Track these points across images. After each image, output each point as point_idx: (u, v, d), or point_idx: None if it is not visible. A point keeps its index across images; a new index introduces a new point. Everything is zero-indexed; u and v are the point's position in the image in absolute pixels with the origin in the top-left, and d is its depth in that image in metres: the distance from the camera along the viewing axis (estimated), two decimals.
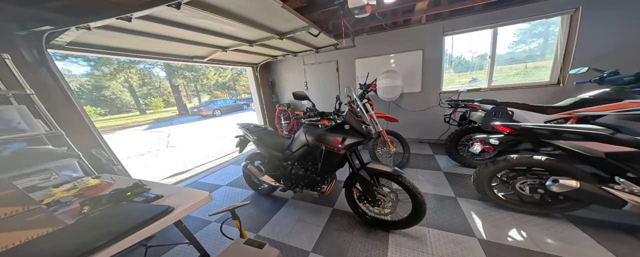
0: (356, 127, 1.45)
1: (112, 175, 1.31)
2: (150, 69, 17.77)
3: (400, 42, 3.40)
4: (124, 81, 16.29)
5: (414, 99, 3.61)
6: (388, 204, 1.53)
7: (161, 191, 1.07)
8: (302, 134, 1.70)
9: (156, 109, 18.50)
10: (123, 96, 19.03)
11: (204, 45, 2.47)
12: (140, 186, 1.11)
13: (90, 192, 1.08)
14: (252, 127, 2.23)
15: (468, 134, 2.46)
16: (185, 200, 0.98)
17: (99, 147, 1.80)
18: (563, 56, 2.65)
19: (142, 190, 1.08)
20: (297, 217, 1.94)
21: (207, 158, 4.26)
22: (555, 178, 1.29)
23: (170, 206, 0.90)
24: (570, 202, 1.39)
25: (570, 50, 2.57)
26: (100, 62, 14.08)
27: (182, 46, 2.37)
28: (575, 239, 1.34)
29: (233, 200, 2.36)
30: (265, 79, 4.69)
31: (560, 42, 2.61)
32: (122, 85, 17.68)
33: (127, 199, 1.01)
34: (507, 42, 3.13)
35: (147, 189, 1.10)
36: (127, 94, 19.00)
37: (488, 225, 1.53)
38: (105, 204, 0.97)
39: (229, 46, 2.68)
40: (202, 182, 2.92)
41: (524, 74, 3.32)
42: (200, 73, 17.82)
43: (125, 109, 19.51)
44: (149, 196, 1.03)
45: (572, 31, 2.51)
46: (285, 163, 1.90)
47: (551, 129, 1.33)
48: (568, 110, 1.91)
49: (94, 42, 1.90)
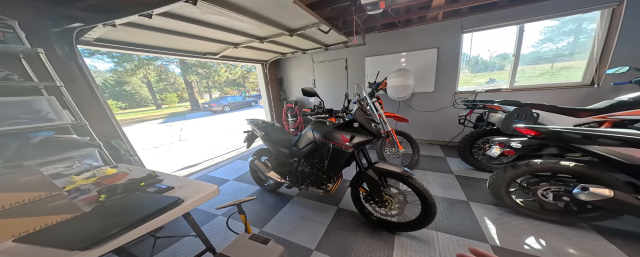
0: (365, 125, 1.42)
1: (129, 165, 1.36)
2: (167, 65, 18.62)
3: (414, 39, 3.28)
4: (143, 77, 17.26)
5: (426, 99, 3.48)
6: (395, 205, 1.49)
7: (172, 183, 1.10)
8: (309, 131, 1.69)
9: (171, 104, 19.37)
10: (142, 91, 20.09)
11: (217, 41, 2.53)
12: (154, 177, 1.15)
13: (108, 181, 1.13)
14: (260, 122, 2.25)
15: (485, 136, 2.34)
16: (195, 192, 1.00)
17: (118, 138, 1.89)
18: (600, 55, 2.42)
19: (155, 181, 1.12)
20: (301, 214, 1.95)
21: (216, 152, 4.38)
22: (584, 186, 1.19)
23: (180, 197, 0.92)
24: (599, 212, 1.27)
25: (608, 48, 2.35)
26: (122, 59, 14.95)
27: (197, 43, 2.44)
28: (602, 251, 1.23)
29: (239, 195, 2.40)
30: (273, 76, 4.73)
31: (598, 39, 2.38)
32: (141, 81, 18.67)
33: (140, 189, 1.05)
34: (531, 41, 2.90)
35: (160, 180, 1.14)
36: (145, 89, 20.04)
37: (503, 231, 1.45)
38: (121, 193, 1.01)
39: (240, 43, 2.73)
40: (211, 175, 3.01)
41: (550, 75, 3.08)
42: (212, 70, 18.47)
43: (143, 104, 20.59)
44: (160, 187, 1.06)
45: (613, 27, 2.27)
46: (291, 160, 1.91)
47: (584, 133, 1.22)
48: (603, 114, 1.75)
49: (118, 38, 2.00)
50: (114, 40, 2.01)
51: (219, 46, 2.73)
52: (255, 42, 2.66)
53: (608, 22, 2.31)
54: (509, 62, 3.51)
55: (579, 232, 1.37)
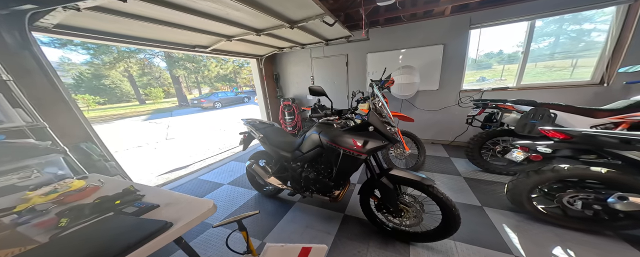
0: (381, 129, 1.26)
1: (101, 176, 1.14)
2: (151, 59, 17.46)
3: (419, 35, 3.14)
4: (123, 71, 16.12)
5: (430, 98, 3.37)
6: (412, 215, 1.35)
7: (157, 199, 0.90)
8: (315, 133, 1.51)
9: (156, 100, 18.37)
10: (123, 86, 18.94)
11: (208, 33, 2.27)
12: (132, 193, 0.94)
13: (73, 198, 0.92)
14: (257, 123, 2.05)
15: (495, 137, 2.24)
16: (186, 211, 0.81)
17: (90, 141, 1.64)
18: (612, 52, 2.35)
19: (134, 198, 0.92)
20: (305, 222, 1.79)
21: (207, 153, 4.11)
22: (622, 195, 1.09)
23: (168, 221, 0.73)
24: (630, 221, 1.19)
25: (621, 46, 2.28)
26: (100, 50, 13.79)
27: (184, 34, 2.18)
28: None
29: (236, 201, 2.21)
30: (269, 71, 4.48)
31: (612, 36, 2.30)
32: (122, 74, 17.51)
33: (115, 209, 0.84)
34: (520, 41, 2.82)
35: (140, 196, 0.94)
36: (127, 83, 18.83)
37: (526, 241, 1.35)
38: (88, 215, 0.80)
39: (234, 35, 2.48)
40: (203, 179, 2.78)
41: (549, 74, 3.03)
42: (201, 64, 17.45)
43: (125, 99, 19.50)
44: (142, 205, 0.87)
45: (628, 24, 2.20)
46: (294, 164, 1.73)
47: (622, 137, 1.12)
48: (621, 114, 1.67)
49: (87, 25, 1.72)
50: (84, 28, 1.72)
51: (210, 38, 2.46)
52: (251, 35, 2.42)
53: (623, 18, 2.23)
54: (496, 61, 3.47)
55: (606, 241, 1.28)
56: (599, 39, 2.51)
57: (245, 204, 2.15)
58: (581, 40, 2.75)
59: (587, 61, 2.65)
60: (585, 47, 2.74)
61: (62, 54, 15.82)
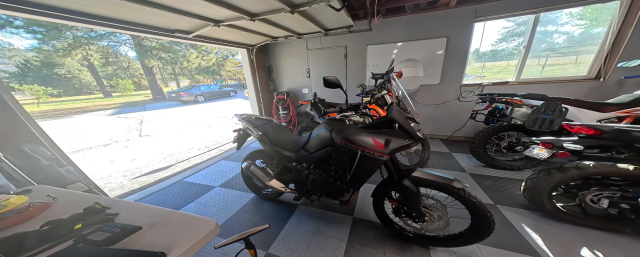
0: (406, 126, 1.10)
1: (53, 188, 0.87)
2: (116, 47, 15.56)
3: (422, 27, 3.02)
4: (82, 59, 14.24)
5: (431, 92, 3.31)
6: (436, 219, 1.24)
7: (137, 218, 0.68)
8: (325, 131, 1.33)
9: (125, 92, 16.80)
10: (82, 76, 16.97)
11: (192, 15, 1.92)
12: (99, 211, 0.70)
13: (8, 223, 0.66)
14: (254, 119, 1.81)
15: (501, 132, 2.21)
16: (181, 234, 0.61)
17: (36, 142, 1.30)
18: (611, 47, 2.38)
19: (104, 219, 0.68)
20: (313, 228, 1.63)
21: (191, 151, 3.75)
22: None
23: (158, 251, 0.53)
24: None
25: (620, 41, 2.31)
26: (50, 35, 11.97)
27: (161, 15, 1.80)
28: None
29: (231, 206, 1.98)
30: (261, 63, 4.16)
31: (613, 30, 2.32)
32: (80, 63, 15.63)
33: (76, 236, 0.61)
34: (492, 39, 2.86)
35: (112, 215, 0.70)
36: (87, 73, 16.83)
37: (550, 242, 1.29)
38: (34, 248, 0.56)
39: (224, 19, 2.14)
40: (189, 182, 2.48)
41: (541, 70, 3.12)
42: (179, 55, 15.90)
43: (85, 90, 17.63)
44: (115, 229, 0.63)
45: (629, 18, 2.22)
46: (299, 166, 1.54)
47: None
48: (626, 108, 1.68)
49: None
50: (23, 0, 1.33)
51: (193, 22, 2.09)
52: (244, 20, 2.10)
53: (625, 12, 2.25)
54: (473, 59, 3.56)
55: (627, 240, 1.25)
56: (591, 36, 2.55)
57: (242, 209, 1.93)
58: (572, 38, 2.82)
59: (582, 58, 2.70)
60: (581, 43, 2.80)
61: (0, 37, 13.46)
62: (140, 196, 2.20)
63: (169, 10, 1.73)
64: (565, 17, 2.80)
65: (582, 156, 1.45)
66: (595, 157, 1.29)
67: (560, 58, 3.20)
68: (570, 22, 3.05)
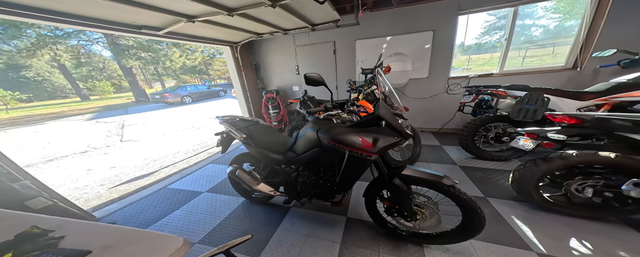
0: (394, 123, 1.06)
1: None
2: (88, 46, 14.37)
3: (409, 21, 2.99)
4: (51, 60, 13.08)
5: (420, 85, 3.31)
6: (428, 217, 1.22)
7: (89, 239, 0.59)
8: (311, 131, 1.27)
9: (104, 95, 15.82)
10: (53, 78, 15.75)
11: (158, 10, 1.72)
12: (38, 236, 0.60)
13: None
14: (238, 121, 1.71)
15: (488, 123, 2.24)
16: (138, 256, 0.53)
17: None
18: (585, 39, 2.46)
19: (43, 245, 0.58)
20: (305, 231, 1.58)
21: (177, 156, 3.58)
22: (638, 182, 1.07)
23: None
24: (637, 206, 1.20)
25: (593, 32, 2.39)
26: (8, 34, 10.85)
27: (124, 9, 1.61)
28: None
29: (219, 211, 1.89)
30: (248, 61, 4.00)
31: (586, 21, 2.40)
32: (50, 64, 14.45)
33: None
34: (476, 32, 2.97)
35: (55, 239, 0.60)
36: (59, 75, 15.65)
37: (540, 234, 1.31)
38: None
39: (198, 14, 1.95)
40: (173, 189, 2.35)
41: (521, 62, 3.21)
42: (161, 54, 14.88)
43: (60, 94, 16.43)
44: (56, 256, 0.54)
45: (600, 11, 2.30)
46: (287, 168, 1.47)
47: (635, 119, 1.08)
48: (604, 96, 1.73)
49: None
50: None
51: (163, 17, 1.89)
52: (221, 15, 1.94)
53: (596, 4, 2.32)
54: (459, 52, 3.68)
55: (614, 229, 1.29)
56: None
57: (232, 214, 1.86)
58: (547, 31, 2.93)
59: (558, 49, 2.79)
60: (556, 35, 2.89)
61: None
62: (120, 206, 2.06)
63: (133, 5, 1.54)
64: (540, 11, 2.92)
65: (565, 144, 1.48)
66: (577, 145, 1.32)
67: (539, 50, 3.35)
68: (546, 15, 3.19)
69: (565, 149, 1.37)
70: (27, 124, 8.32)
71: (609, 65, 2.19)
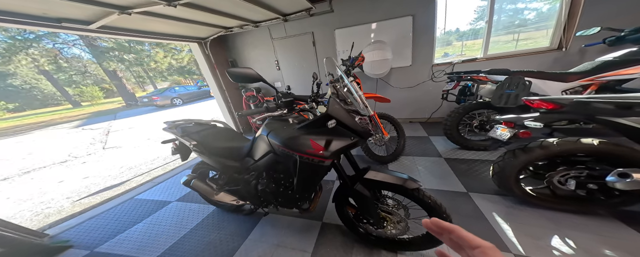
0: (347, 121, 0.91)
1: None
2: (64, 49, 13.41)
3: (387, 6, 2.79)
4: (31, 66, 12.38)
5: (404, 74, 3.15)
6: (396, 223, 1.10)
7: None
8: (263, 135, 1.11)
9: (93, 101, 15.42)
10: (41, 85, 15.19)
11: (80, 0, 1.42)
12: None
13: None
14: (191, 126, 1.50)
15: (472, 111, 2.11)
16: None
17: None
18: (567, 17, 2.32)
19: None
20: (276, 240, 1.47)
21: (155, 162, 3.42)
22: (623, 172, 0.96)
23: None
24: (626, 198, 1.09)
25: (575, 11, 2.24)
26: None
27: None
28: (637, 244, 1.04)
29: (187, 222, 1.76)
30: (222, 58, 3.77)
31: (565, 2, 2.25)
32: (34, 71, 13.83)
33: None
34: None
35: None
36: (46, 82, 15.05)
37: (520, 232, 1.21)
38: None
39: (132, 5, 1.64)
40: (141, 199, 2.20)
41: (515, 45, 3.06)
42: (144, 54, 14.27)
43: (51, 102, 15.91)
44: None
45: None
46: (247, 175, 1.33)
47: (618, 102, 0.95)
48: (590, 76, 1.59)
49: None
50: None
51: (85, 9, 1.58)
52: (160, 6, 1.65)
53: None
54: (454, 38, 3.58)
55: (600, 222, 1.18)
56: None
57: (200, 224, 1.73)
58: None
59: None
60: (539, 18, 2.75)
61: None
62: (78, 221, 1.92)
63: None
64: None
65: (553, 130, 1.36)
66: (564, 129, 1.20)
67: (535, 32, 3.24)
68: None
69: (555, 135, 1.24)
70: (13, 135, 8.00)
71: (595, 44, 2.05)
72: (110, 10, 1.64)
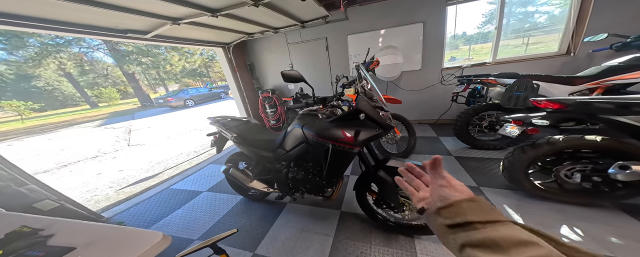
0: (374, 116, 1.08)
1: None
2: (89, 53, 14.61)
3: (398, 14, 2.96)
4: (57, 69, 13.41)
5: (414, 78, 3.29)
6: (414, 208, 1.24)
7: (75, 237, 0.63)
8: (297, 128, 1.29)
9: (111, 102, 16.29)
10: (62, 87, 16.23)
11: (141, 13, 1.73)
12: (28, 235, 0.65)
13: None
14: (229, 121, 1.74)
15: (481, 112, 2.22)
16: (119, 251, 0.58)
17: None
18: (575, 23, 2.42)
19: (32, 242, 0.62)
20: (300, 225, 1.62)
21: (180, 157, 3.67)
22: (623, 164, 1.07)
23: None
24: (630, 190, 1.19)
25: (583, 17, 2.34)
26: (12, 44, 11.20)
27: (103, 14, 1.61)
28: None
29: (218, 209, 1.95)
30: (241, 61, 4.03)
31: (574, 7, 2.35)
32: (58, 73, 14.82)
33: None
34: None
35: (43, 238, 0.64)
36: (68, 84, 16.09)
37: (532, 222, 1.32)
38: None
39: (182, 17, 1.96)
40: (176, 189, 2.43)
41: (519, 51, 3.13)
42: (160, 58, 15.06)
43: (70, 103, 16.93)
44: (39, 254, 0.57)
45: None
46: (278, 165, 1.51)
47: (618, 102, 1.07)
48: (596, 80, 1.70)
49: None
50: None
51: (147, 21, 1.90)
52: (205, 17, 1.94)
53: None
54: (462, 42, 3.64)
55: (606, 214, 1.28)
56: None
57: (231, 211, 1.91)
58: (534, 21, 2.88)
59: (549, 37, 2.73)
60: (550, 23, 2.83)
61: None
62: (127, 206, 2.16)
63: (111, 9, 1.54)
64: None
65: (561, 130, 1.47)
66: (572, 130, 1.31)
67: (545, 36, 3.25)
68: (548, 2, 3.12)
69: (564, 134, 1.35)
70: (41, 133, 8.59)
71: (602, 49, 2.14)
72: (165, 21, 1.93)
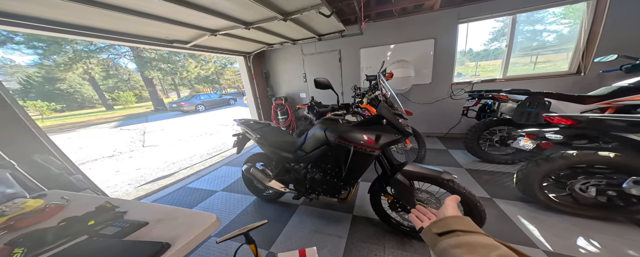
0: (394, 122, 1.17)
1: (66, 192, 0.92)
2: (116, 59, 15.57)
3: (411, 30, 3.14)
4: (83, 73, 14.29)
5: (424, 91, 3.40)
6: None
7: (144, 215, 0.73)
8: (320, 131, 1.39)
9: (126, 105, 17.09)
10: (83, 90, 17.13)
11: (189, 26, 1.99)
12: (109, 210, 0.75)
13: (28, 222, 0.71)
14: (252, 123, 1.88)
15: (492, 127, 2.28)
16: (184, 228, 0.66)
17: (46, 153, 1.37)
18: (586, 44, 2.52)
19: (114, 216, 0.73)
20: (313, 227, 1.66)
21: (194, 159, 3.80)
22: (637, 179, 1.10)
23: (164, 241, 0.58)
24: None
25: (594, 38, 2.44)
26: (50, 50, 12.10)
27: (160, 26, 1.87)
28: None
29: (233, 208, 2.01)
30: (258, 69, 4.27)
31: (584, 29, 2.46)
32: (82, 77, 15.76)
33: (89, 231, 0.66)
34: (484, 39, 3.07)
35: (121, 213, 0.75)
36: (89, 87, 17.07)
37: (547, 233, 1.33)
38: (53, 242, 0.62)
39: (220, 29, 2.22)
40: (192, 187, 2.52)
41: (533, 67, 3.22)
42: (179, 65, 15.93)
43: (88, 105, 17.76)
44: (124, 225, 0.68)
45: (598, 17, 2.36)
46: (297, 166, 1.59)
47: (630, 120, 1.13)
48: (607, 100, 1.75)
49: (26, 11, 1.34)
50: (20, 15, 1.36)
51: (191, 32, 2.16)
52: (239, 29, 2.18)
53: (593, 12, 2.39)
54: (468, 59, 3.77)
55: (622, 228, 1.28)
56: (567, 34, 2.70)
57: (244, 211, 1.97)
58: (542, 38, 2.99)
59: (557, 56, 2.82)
60: (558, 42, 2.94)
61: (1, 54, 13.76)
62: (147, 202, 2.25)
63: (167, 22, 1.79)
64: (550, 16, 3.00)
65: (573, 148, 1.50)
66: (584, 147, 1.35)
67: (553, 55, 3.31)
68: (556, 21, 3.22)
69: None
70: (60, 132, 9.01)
71: (612, 70, 2.21)
72: (205, 32, 2.16)
